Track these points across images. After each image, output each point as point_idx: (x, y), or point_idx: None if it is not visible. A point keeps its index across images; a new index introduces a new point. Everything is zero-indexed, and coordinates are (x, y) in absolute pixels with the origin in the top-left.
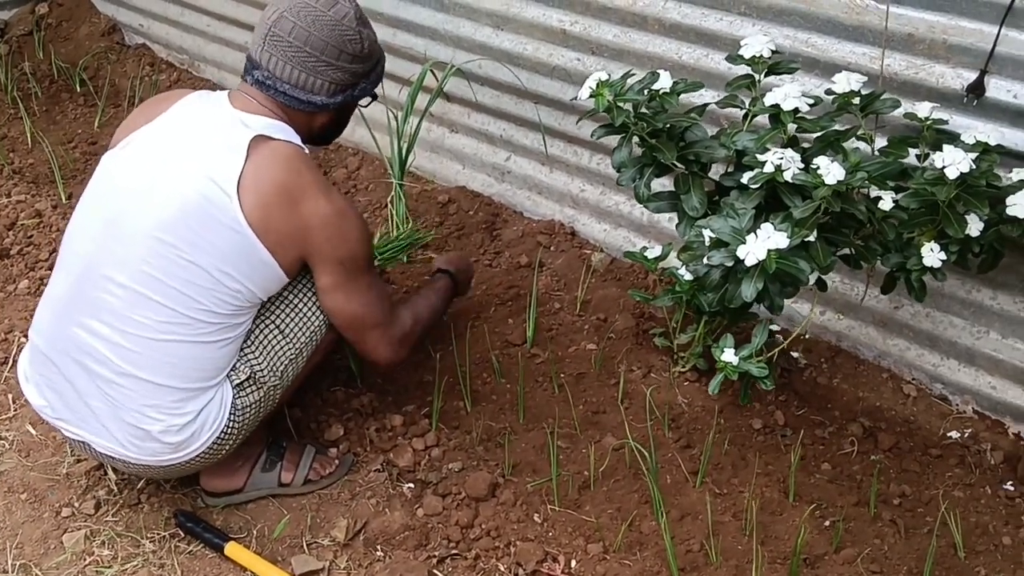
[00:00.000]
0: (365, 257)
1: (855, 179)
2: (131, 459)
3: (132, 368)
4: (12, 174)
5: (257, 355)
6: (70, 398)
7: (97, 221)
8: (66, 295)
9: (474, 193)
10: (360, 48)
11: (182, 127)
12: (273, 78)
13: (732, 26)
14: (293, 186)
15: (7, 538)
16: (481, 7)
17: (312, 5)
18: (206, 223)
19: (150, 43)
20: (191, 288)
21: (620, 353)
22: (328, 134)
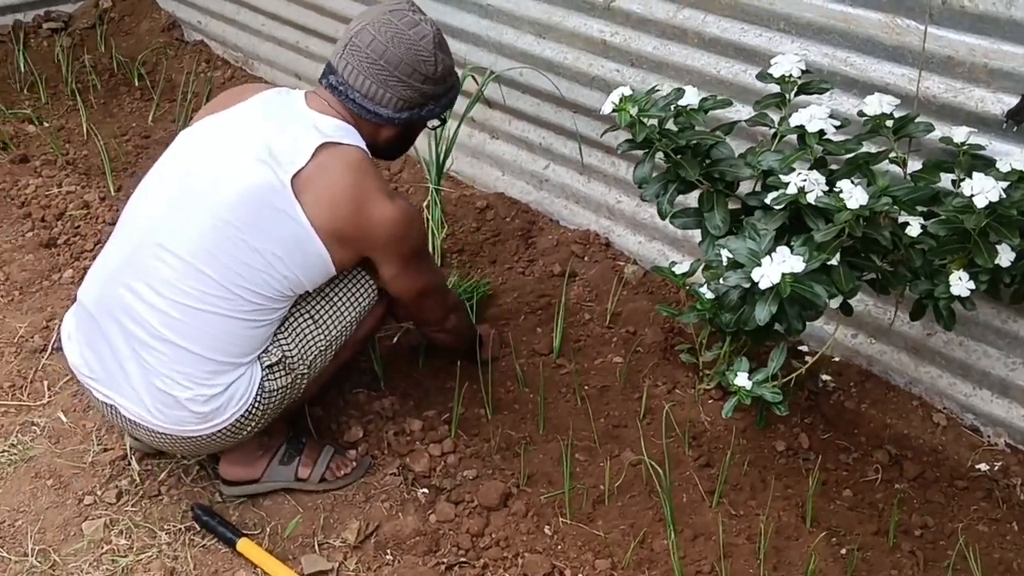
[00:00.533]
0: (423, 245)
1: (879, 204)
2: (156, 426)
3: (170, 333)
4: (65, 164)
5: (290, 341)
6: (106, 358)
7: (163, 195)
8: (120, 259)
9: (512, 200)
10: (433, 70)
11: (257, 118)
12: (345, 85)
13: (771, 42)
14: (359, 191)
15: (30, 523)
16: (524, 15)
17: (395, 23)
18: (266, 209)
19: (207, 40)
20: (243, 268)
21: (646, 368)
22: (393, 149)
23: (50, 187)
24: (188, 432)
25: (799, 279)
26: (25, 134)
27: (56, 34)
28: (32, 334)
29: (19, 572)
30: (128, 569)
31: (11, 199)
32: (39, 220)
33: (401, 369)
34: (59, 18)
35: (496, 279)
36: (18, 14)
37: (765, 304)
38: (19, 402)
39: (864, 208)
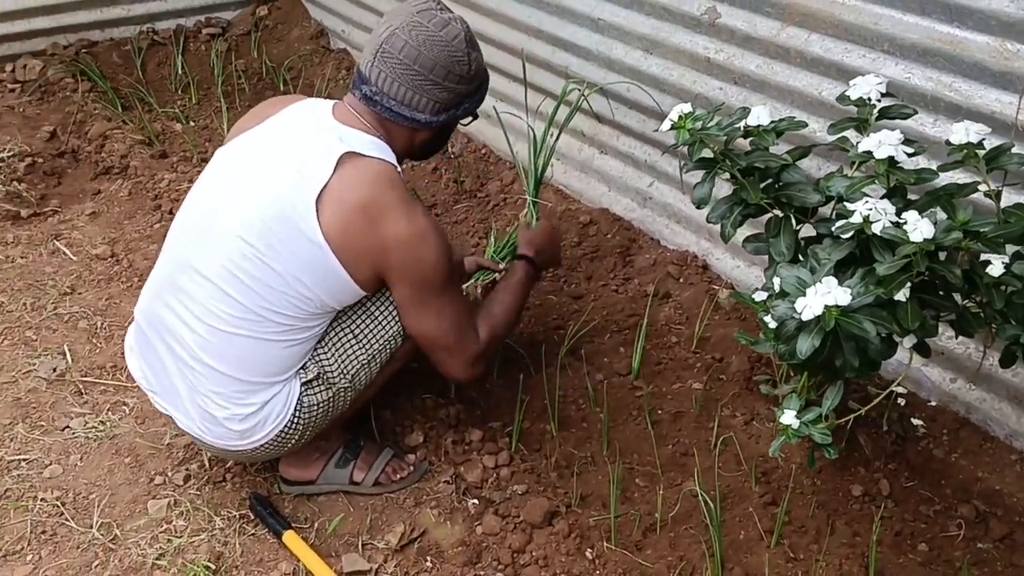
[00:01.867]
0: (440, 280)
1: (948, 238)
2: (205, 440)
3: (204, 355)
4: (200, 162)
5: (329, 356)
6: (160, 373)
7: (197, 213)
8: (162, 277)
9: (615, 216)
10: (467, 69)
11: (282, 133)
12: (380, 94)
13: (875, 63)
14: (375, 204)
15: (103, 496)
16: (633, 30)
17: (424, 24)
18: (285, 230)
19: (350, 48)
20: (265, 289)
21: (726, 396)
22: (428, 150)
23: (182, 182)
24: (231, 447)
25: (847, 313)
26: (172, 131)
27: (213, 39)
28: None
29: (81, 542)
30: (180, 549)
31: (146, 191)
32: (167, 213)
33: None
34: (218, 24)
35: (588, 295)
36: (181, 19)
37: (808, 337)
38: (117, 382)
39: (929, 242)
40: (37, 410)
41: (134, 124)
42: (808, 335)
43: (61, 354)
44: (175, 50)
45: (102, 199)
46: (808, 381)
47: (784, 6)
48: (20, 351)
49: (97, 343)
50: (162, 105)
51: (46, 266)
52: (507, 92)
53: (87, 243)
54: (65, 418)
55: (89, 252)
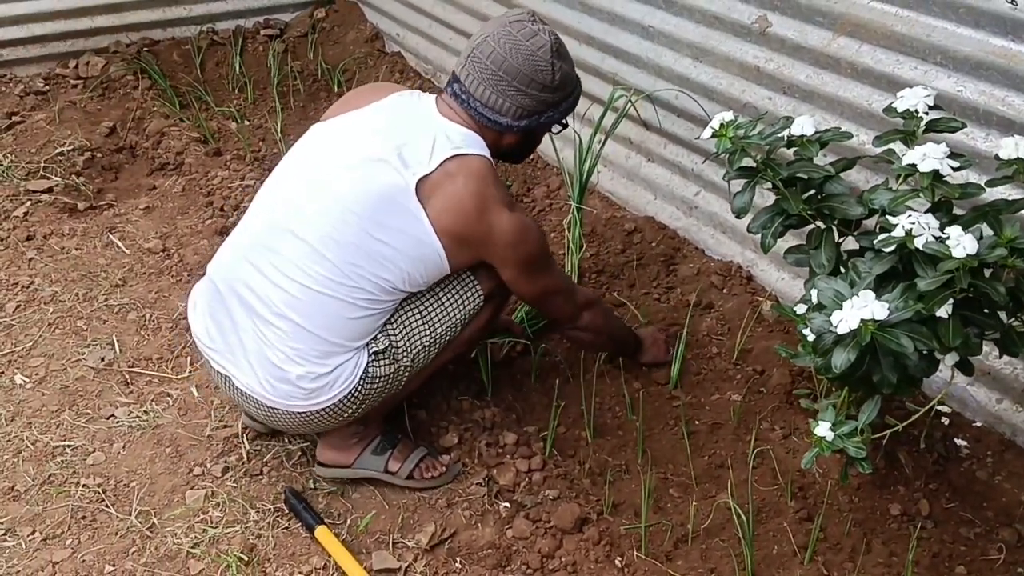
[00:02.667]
0: (542, 259)
1: (991, 255)
2: (264, 399)
3: (290, 311)
4: (252, 160)
5: (397, 332)
6: (227, 330)
7: (296, 182)
8: (250, 238)
9: (660, 225)
10: (551, 79)
11: (390, 119)
12: (467, 94)
13: (926, 76)
14: (480, 198)
15: (143, 484)
16: (683, 38)
17: (514, 34)
18: (394, 208)
19: (404, 52)
20: (364, 259)
21: (766, 410)
22: (516, 153)
23: (234, 180)
24: (292, 407)
25: (884, 328)
26: (227, 130)
27: (271, 40)
28: None
29: (119, 528)
30: (214, 539)
31: (200, 188)
32: (219, 210)
33: (513, 382)
34: (276, 25)
35: (630, 303)
36: (240, 20)
37: (844, 350)
38: (163, 374)
39: (972, 258)
40: (84, 398)
41: (191, 122)
42: (844, 349)
43: (110, 344)
44: (233, 50)
45: (156, 194)
46: (848, 396)
47: (836, 16)
48: (71, 340)
49: (145, 335)
50: (219, 104)
51: (99, 258)
52: None
53: (140, 237)
54: (110, 407)
55: (142, 246)
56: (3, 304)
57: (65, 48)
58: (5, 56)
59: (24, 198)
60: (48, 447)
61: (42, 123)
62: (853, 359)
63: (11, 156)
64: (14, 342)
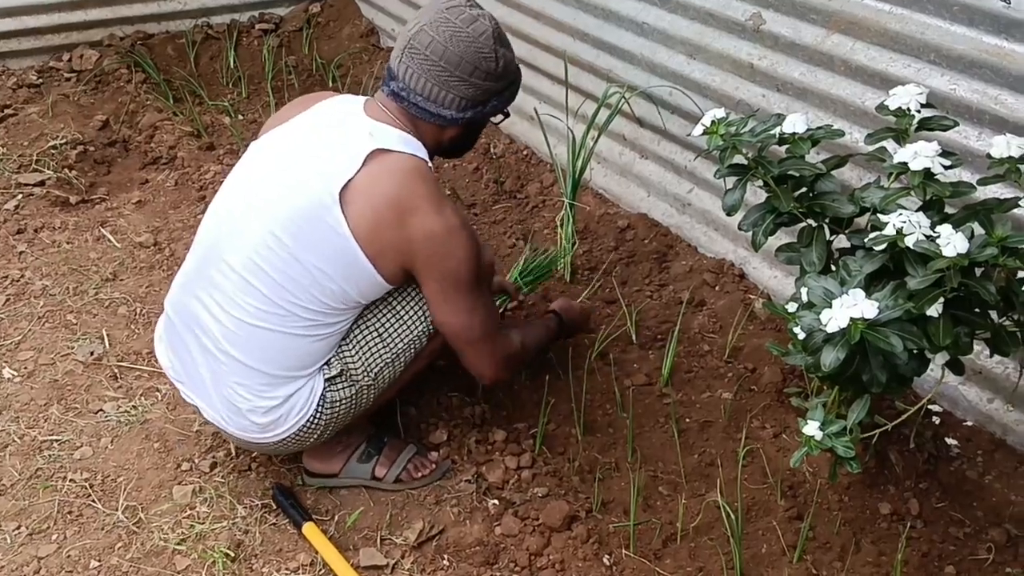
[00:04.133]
0: (470, 276)
1: (982, 254)
2: (229, 431)
3: (229, 347)
4: None
5: (352, 353)
6: (187, 363)
7: (228, 207)
8: (192, 269)
9: (653, 222)
10: (494, 67)
11: (312, 128)
12: (407, 90)
13: (919, 74)
14: (404, 199)
15: (130, 479)
16: (677, 34)
17: (452, 21)
18: (312, 223)
19: None
20: (290, 283)
21: (756, 408)
22: (458, 146)
23: (227, 174)
24: (255, 439)
25: (874, 326)
26: (221, 124)
27: (266, 35)
28: None
29: (105, 524)
30: (201, 535)
31: (192, 182)
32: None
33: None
34: (271, 20)
35: (622, 300)
36: (235, 14)
37: (833, 349)
38: (151, 368)
39: (963, 257)
40: (72, 392)
41: (184, 116)
42: (833, 347)
43: (99, 338)
44: (228, 44)
45: (149, 188)
46: (838, 395)
47: (830, 14)
48: (60, 334)
49: (135, 329)
50: (212, 98)
51: (91, 252)
52: (550, 94)
53: (131, 231)
54: (99, 401)
55: (133, 240)
56: None
57: (59, 41)
58: None
59: (15, 191)
60: (35, 442)
61: (35, 116)
62: (843, 358)
63: (3, 149)
64: (3, 336)
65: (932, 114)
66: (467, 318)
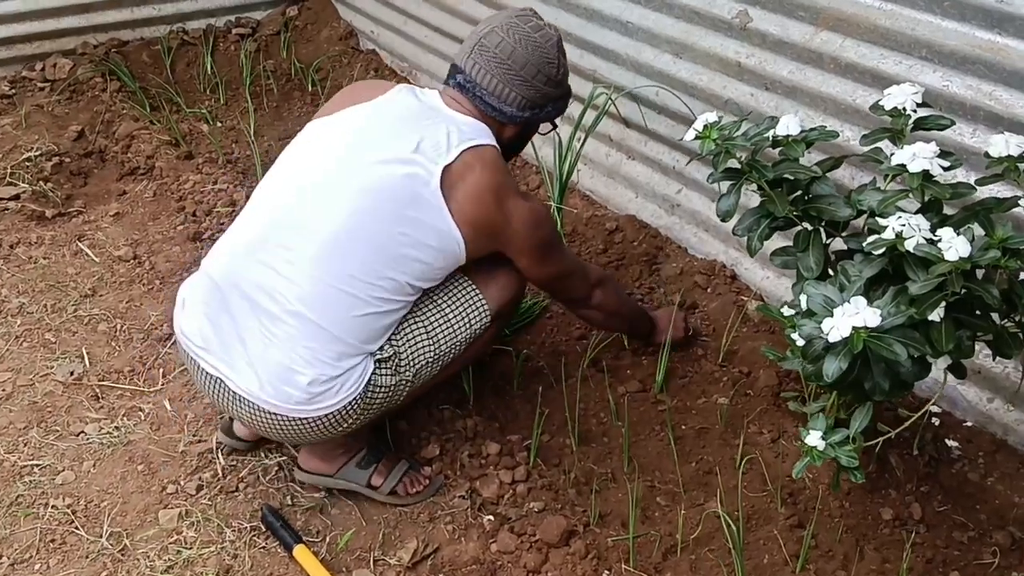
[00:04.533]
0: (556, 242)
1: (984, 257)
2: (262, 402)
3: (304, 308)
4: (225, 163)
5: (402, 344)
6: (224, 330)
7: (303, 177)
8: (257, 235)
9: (642, 223)
10: (556, 73)
11: (401, 112)
12: (473, 83)
13: (911, 71)
14: (498, 186)
15: (114, 504)
16: (662, 33)
17: (522, 26)
18: (414, 200)
19: (379, 49)
20: (381, 252)
21: (753, 413)
22: (510, 149)
23: (206, 184)
24: (293, 411)
25: (877, 334)
26: (199, 132)
27: (243, 39)
28: (161, 323)
29: (90, 552)
30: (189, 561)
31: (171, 193)
32: (191, 215)
33: (495, 389)
34: (248, 24)
35: None
36: (211, 19)
37: (835, 359)
38: (134, 387)
39: (964, 261)
40: (53, 414)
41: (161, 124)
42: (835, 357)
43: (79, 357)
44: (204, 50)
45: (127, 200)
46: (837, 399)
47: (818, 10)
48: (39, 353)
49: (116, 346)
50: (190, 106)
51: (68, 267)
52: None
53: (110, 244)
54: (80, 423)
55: (112, 254)
56: None
57: (31, 50)
58: None
59: None
60: (15, 467)
61: (8, 128)
62: (845, 368)
63: None
64: None
65: (928, 113)
66: (561, 263)
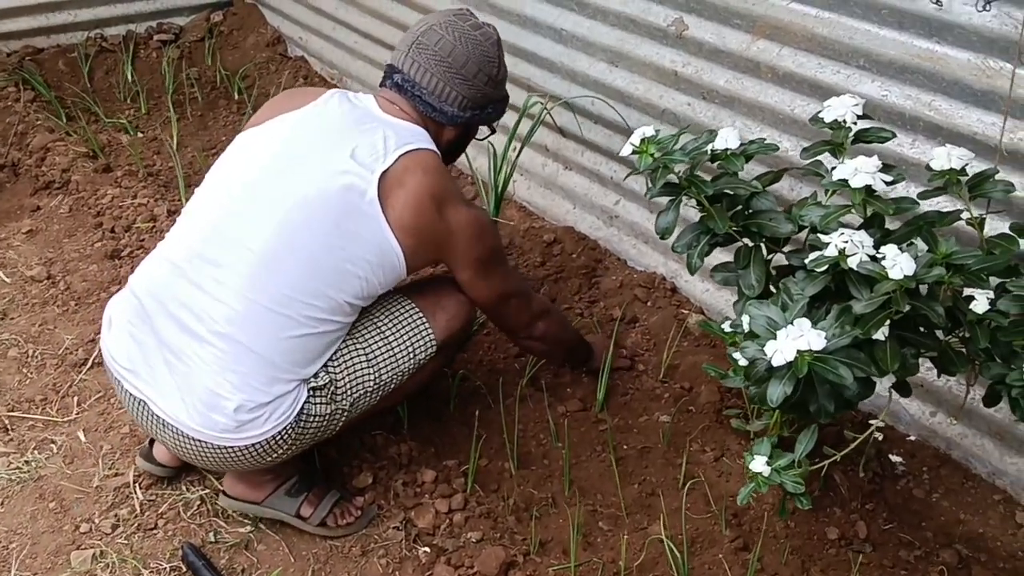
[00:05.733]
0: (499, 255)
1: (930, 274)
2: (186, 428)
3: (233, 329)
4: (146, 176)
5: (340, 370)
6: (150, 351)
7: (232, 190)
8: (184, 253)
9: (580, 235)
10: (496, 72)
11: (336, 119)
12: (411, 82)
13: (849, 80)
14: (439, 192)
15: (24, 546)
16: (597, 41)
17: (461, 24)
18: (350, 211)
19: (307, 56)
20: (316, 268)
21: (695, 430)
22: (449, 153)
23: (125, 198)
24: (217, 439)
25: (821, 357)
26: (118, 144)
27: (165, 46)
28: (77, 347)
29: None
30: None
31: (88, 208)
32: (108, 231)
33: (430, 411)
34: (170, 30)
35: None
36: (131, 25)
37: (780, 383)
38: (46, 417)
39: (909, 279)
40: None
41: (78, 136)
42: (779, 381)
43: None
44: (124, 57)
45: (41, 216)
46: (780, 418)
47: (754, 18)
48: None
49: (28, 373)
50: (109, 116)
51: None
52: None
53: (22, 264)
54: None
55: (24, 274)
56: None
57: None
58: None
59: None
60: None
61: None
62: (789, 392)
63: None
64: None
65: (869, 126)
66: (503, 281)
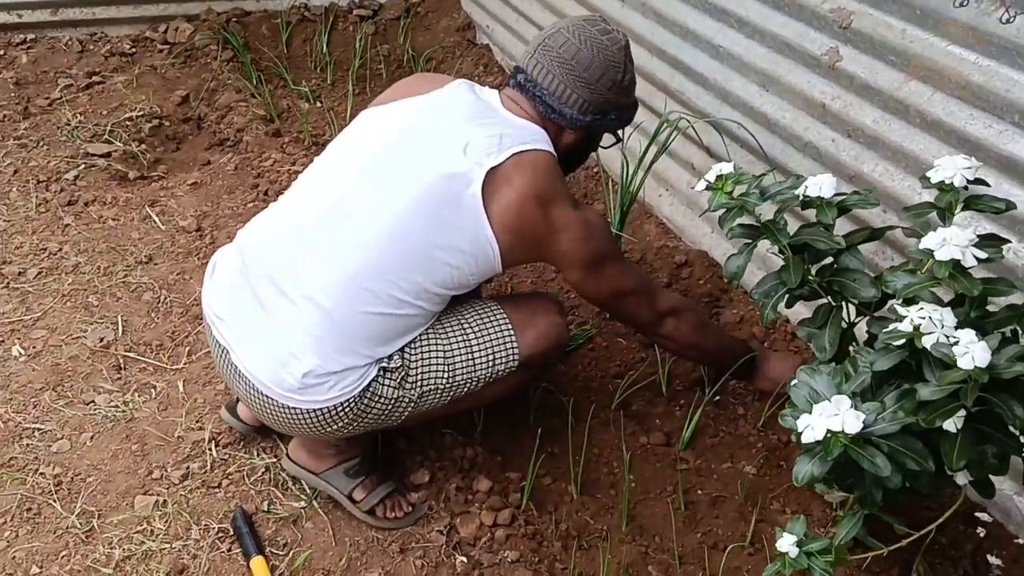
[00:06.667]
0: (611, 255)
1: (1010, 369)
2: (257, 381)
3: (320, 295)
4: (311, 145)
5: (414, 359)
6: (243, 303)
7: (355, 168)
8: (294, 220)
9: (712, 262)
10: (621, 78)
11: (455, 111)
12: (533, 83)
13: (1001, 137)
14: (545, 193)
15: (99, 482)
16: (751, 62)
17: (589, 28)
18: (448, 200)
19: (492, 45)
20: (411, 252)
21: (780, 488)
22: (572, 157)
23: (285, 163)
24: (281, 398)
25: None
26: (298, 110)
27: (362, 21)
28: None
29: (59, 528)
30: (146, 555)
31: (251, 168)
32: (263, 193)
33: (508, 420)
34: (370, 6)
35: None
36: None
37: (808, 462)
38: (156, 362)
39: (982, 372)
40: (71, 379)
41: (260, 99)
42: (808, 459)
43: (114, 324)
44: (322, 28)
45: (209, 170)
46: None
47: (910, 57)
48: (78, 315)
49: (154, 318)
50: (296, 83)
51: (133, 231)
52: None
53: (178, 214)
54: (93, 392)
55: (177, 223)
56: (26, 269)
57: (156, 11)
58: (97, 15)
59: (80, 161)
60: (18, 428)
61: (120, 86)
62: (816, 473)
63: (80, 116)
64: (25, 310)
65: (981, 192)
66: (619, 279)
